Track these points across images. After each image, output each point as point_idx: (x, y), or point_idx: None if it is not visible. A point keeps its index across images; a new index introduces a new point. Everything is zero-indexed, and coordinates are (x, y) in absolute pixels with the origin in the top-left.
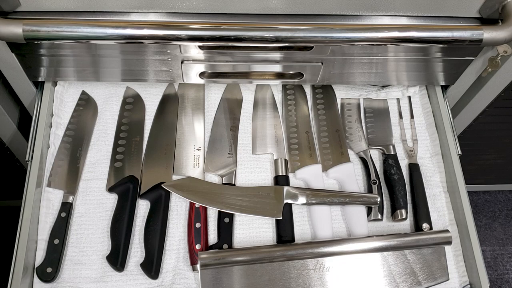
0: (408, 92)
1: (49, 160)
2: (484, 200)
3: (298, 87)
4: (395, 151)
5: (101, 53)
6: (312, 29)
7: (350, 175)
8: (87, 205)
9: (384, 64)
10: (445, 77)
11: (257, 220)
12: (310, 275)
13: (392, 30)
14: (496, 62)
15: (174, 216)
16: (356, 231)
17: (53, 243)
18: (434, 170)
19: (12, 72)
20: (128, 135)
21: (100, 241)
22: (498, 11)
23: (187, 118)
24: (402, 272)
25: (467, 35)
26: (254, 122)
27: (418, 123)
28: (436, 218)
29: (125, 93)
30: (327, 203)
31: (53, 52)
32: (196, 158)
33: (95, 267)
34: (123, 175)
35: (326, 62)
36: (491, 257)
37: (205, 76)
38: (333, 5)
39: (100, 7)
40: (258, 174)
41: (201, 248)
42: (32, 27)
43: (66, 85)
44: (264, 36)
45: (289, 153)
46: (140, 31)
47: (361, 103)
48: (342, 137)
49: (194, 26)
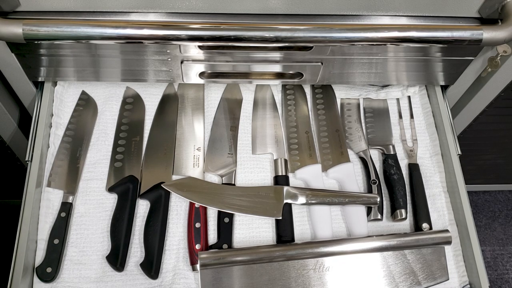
0: (408, 92)
1: (49, 160)
2: (484, 200)
3: (298, 87)
4: (394, 151)
5: (101, 53)
6: (312, 29)
7: (350, 175)
8: (87, 205)
9: (383, 64)
10: (445, 77)
11: (257, 220)
12: (310, 275)
13: (392, 30)
14: (495, 62)
15: (174, 216)
16: (356, 231)
17: (53, 243)
18: (434, 170)
19: (12, 72)
20: (128, 135)
21: (100, 241)
22: (497, 11)
23: (187, 118)
24: (401, 272)
25: (466, 35)
26: (254, 122)
27: (418, 123)
28: (436, 218)
29: (125, 93)
30: (327, 203)
31: (53, 52)
32: (196, 158)
33: (95, 267)
34: (123, 175)
35: (326, 62)
36: (491, 257)
37: (205, 76)
38: (333, 5)
39: (100, 7)
40: (258, 174)
41: (201, 248)
42: (32, 27)
43: (66, 85)
44: (264, 36)
45: (289, 153)
46: (140, 31)
47: (361, 103)
48: (342, 137)
49: (194, 26)
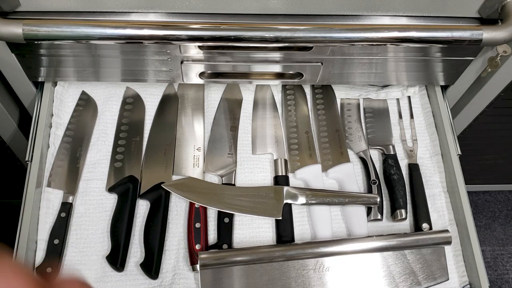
0: (407, 92)
1: (49, 160)
2: (484, 200)
3: (298, 87)
4: (394, 151)
5: (101, 53)
6: (312, 29)
7: (350, 175)
8: (87, 205)
9: (384, 64)
10: (445, 77)
11: (257, 220)
12: (310, 275)
13: (392, 30)
14: (495, 62)
15: (174, 216)
16: (356, 231)
17: (53, 243)
18: (434, 170)
19: (12, 72)
20: (128, 135)
21: (100, 241)
22: (497, 11)
23: (187, 118)
24: (401, 272)
25: (466, 35)
26: (254, 122)
27: (417, 123)
28: (436, 218)
29: (125, 93)
30: (327, 203)
31: (53, 52)
32: (196, 158)
33: (95, 267)
34: (123, 175)
35: (326, 62)
36: (491, 257)
37: (205, 76)
38: (333, 5)
39: (100, 7)
40: (258, 174)
41: (201, 248)
42: (32, 27)
43: (66, 85)
44: (264, 36)
45: (289, 153)
46: (140, 31)
47: (361, 103)
48: (342, 137)
49: (194, 26)
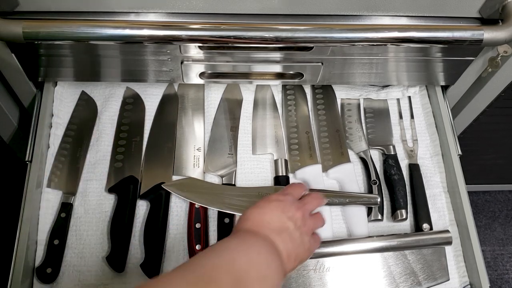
0: (408, 92)
1: (49, 160)
2: (484, 200)
3: (298, 87)
4: (395, 151)
5: (101, 53)
6: (312, 29)
7: (350, 175)
8: (87, 206)
9: (384, 64)
10: (445, 77)
11: None
12: (310, 275)
13: (392, 30)
14: (496, 62)
15: (174, 216)
16: (356, 231)
17: (53, 243)
18: (434, 170)
19: (12, 72)
20: (128, 135)
21: (99, 241)
22: (498, 11)
23: (187, 118)
24: (402, 272)
25: (467, 35)
26: (254, 122)
27: (418, 123)
28: (436, 218)
29: (125, 93)
30: (327, 203)
31: (53, 52)
32: (196, 159)
33: (95, 268)
34: (123, 176)
35: (326, 62)
36: (491, 257)
37: (205, 77)
38: (333, 5)
39: (100, 7)
40: (258, 174)
41: (201, 248)
42: (32, 27)
43: (66, 85)
44: (264, 36)
45: (289, 153)
46: (140, 32)
47: (361, 103)
48: (342, 137)
49: (194, 26)
